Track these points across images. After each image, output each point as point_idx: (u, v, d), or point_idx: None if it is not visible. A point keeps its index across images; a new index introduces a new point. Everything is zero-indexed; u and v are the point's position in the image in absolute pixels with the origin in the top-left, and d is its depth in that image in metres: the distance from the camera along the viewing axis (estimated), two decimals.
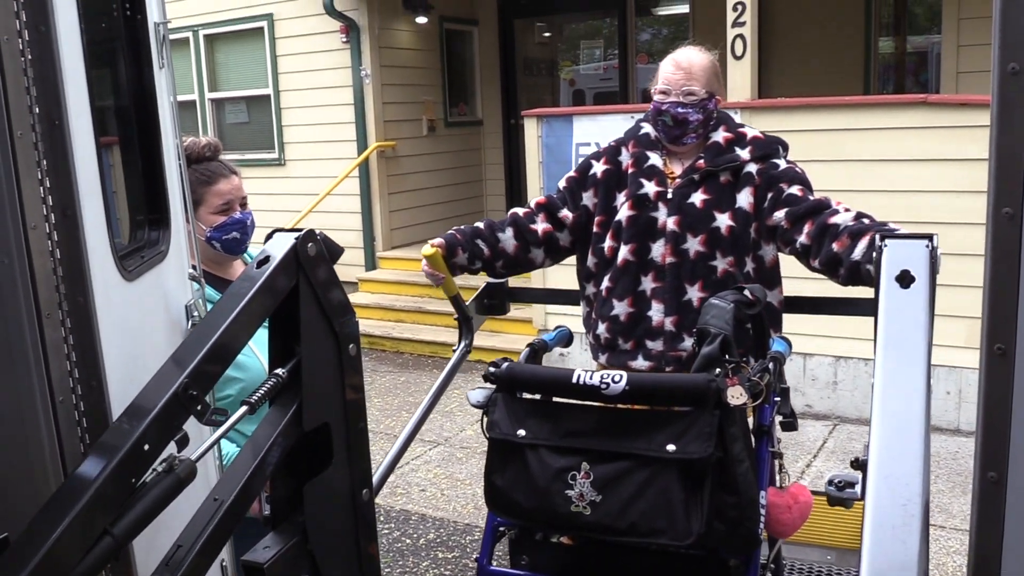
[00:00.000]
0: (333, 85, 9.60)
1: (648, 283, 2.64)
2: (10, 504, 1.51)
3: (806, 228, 2.46)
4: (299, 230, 1.70)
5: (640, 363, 2.66)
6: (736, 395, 2.05)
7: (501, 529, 2.47)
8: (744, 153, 2.64)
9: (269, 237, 1.71)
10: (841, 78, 8.56)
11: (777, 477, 2.43)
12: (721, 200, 2.61)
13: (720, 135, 2.69)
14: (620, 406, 2.22)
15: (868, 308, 2.47)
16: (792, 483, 2.42)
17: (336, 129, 9.65)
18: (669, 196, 2.64)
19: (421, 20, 9.85)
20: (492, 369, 2.33)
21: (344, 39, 9.42)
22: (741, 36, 6.20)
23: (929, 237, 1.69)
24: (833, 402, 6.27)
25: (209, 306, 2.22)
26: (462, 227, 2.80)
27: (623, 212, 2.67)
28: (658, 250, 2.63)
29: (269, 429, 1.62)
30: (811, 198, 2.54)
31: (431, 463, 5.66)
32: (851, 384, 6.19)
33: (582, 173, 2.83)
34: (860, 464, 1.54)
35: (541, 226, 2.80)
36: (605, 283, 2.71)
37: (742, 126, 2.75)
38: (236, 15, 10.08)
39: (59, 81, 1.52)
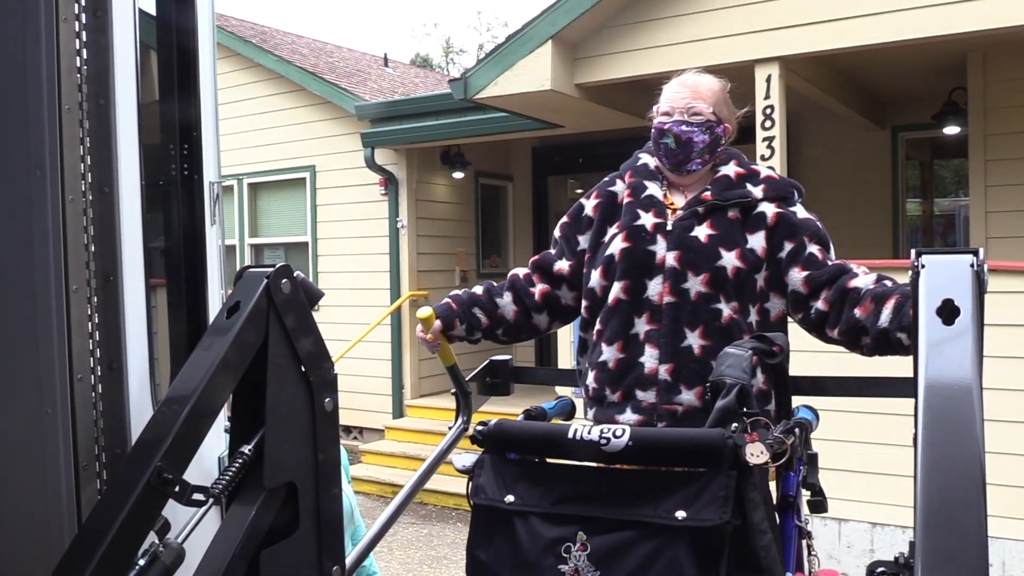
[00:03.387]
0: (370, 235, 9.87)
1: (641, 325, 2.32)
2: None
3: (823, 294, 2.25)
4: (272, 266, 1.52)
5: (628, 417, 2.32)
6: (756, 453, 1.78)
7: None
8: (756, 191, 2.37)
9: (239, 276, 1.54)
10: (870, 239, 8.66)
11: (805, 561, 2.16)
12: (728, 237, 2.32)
13: (731, 169, 2.42)
14: (622, 466, 1.97)
15: (888, 388, 2.23)
16: (822, 569, 2.16)
17: (371, 277, 9.85)
18: (669, 228, 2.34)
19: (458, 175, 10.17)
20: (480, 428, 2.09)
21: (383, 191, 9.74)
22: None
23: (974, 252, 1.44)
24: None
25: None
26: (460, 294, 2.59)
27: (616, 245, 2.37)
28: (655, 288, 2.31)
29: (240, 519, 1.45)
30: (830, 263, 2.30)
31: None
32: (888, 553, 5.96)
33: (575, 217, 2.56)
34: (907, 566, 1.36)
35: (538, 288, 2.54)
36: (596, 326, 2.41)
37: (755, 163, 2.49)
38: (280, 166, 10.50)
39: (117, 238, 1.58)
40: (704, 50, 6.42)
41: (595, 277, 2.41)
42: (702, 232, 2.32)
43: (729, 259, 2.29)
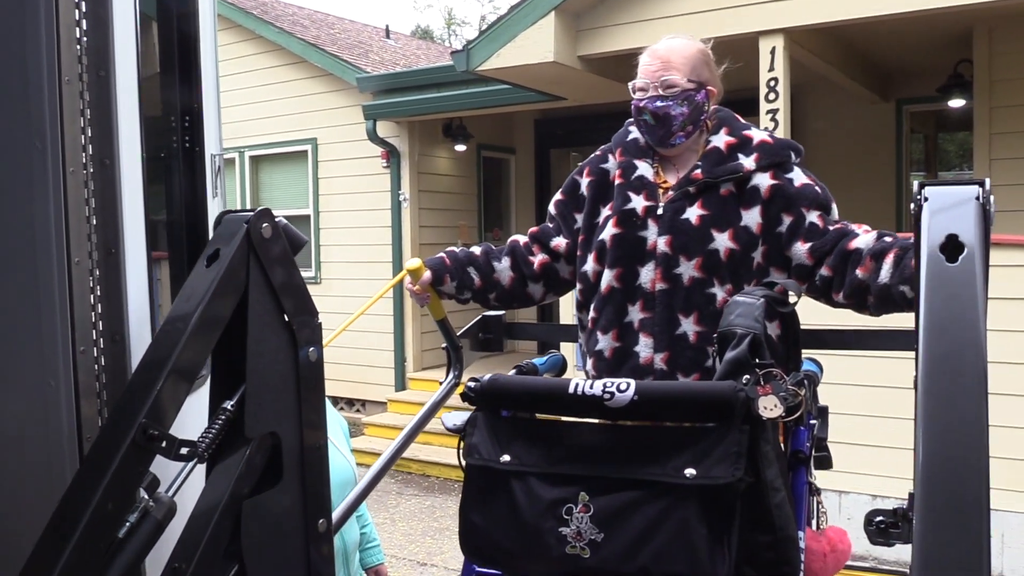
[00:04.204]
0: (372, 208, 9.86)
1: (635, 313, 2.24)
2: None
3: (827, 261, 2.17)
4: (252, 210, 1.45)
5: None
6: (770, 406, 1.69)
7: None
8: (748, 161, 2.24)
9: (218, 222, 1.48)
10: (873, 213, 8.63)
11: (815, 517, 2.10)
12: (721, 216, 2.22)
13: (721, 139, 2.29)
14: (626, 423, 1.88)
15: (889, 341, 2.24)
16: (830, 526, 2.08)
17: (373, 250, 9.86)
18: (660, 212, 2.25)
19: (460, 148, 10.15)
20: (472, 384, 1.98)
21: (384, 164, 9.72)
22: None
23: (980, 183, 1.34)
24: (870, 544, 6.07)
25: None
26: (456, 251, 2.51)
27: (607, 231, 2.29)
28: (647, 275, 2.23)
29: (227, 474, 1.40)
30: (832, 227, 2.21)
31: None
32: None
33: (570, 194, 2.47)
34: (906, 518, 1.33)
35: (538, 258, 2.48)
36: (591, 313, 2.34)
37: (747, 128, 2.34)
38: (282, 139, 10.47)
39: (119, 212, 1.58)
40: (708, 21, 6.37)
41: (589, 262, 2.35)
42: (693, 214, 2.23)
43: (722, 241, 2.20)
